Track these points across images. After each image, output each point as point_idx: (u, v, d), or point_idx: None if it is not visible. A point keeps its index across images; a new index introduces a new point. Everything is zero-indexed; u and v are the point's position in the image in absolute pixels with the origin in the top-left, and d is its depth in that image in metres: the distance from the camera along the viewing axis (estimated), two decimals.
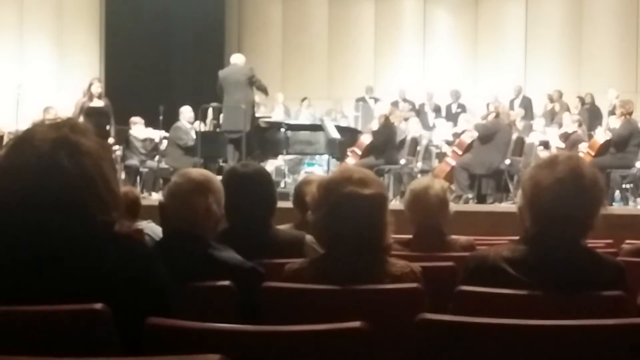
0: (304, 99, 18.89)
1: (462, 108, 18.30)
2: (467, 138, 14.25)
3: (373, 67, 20.66)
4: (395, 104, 17.53)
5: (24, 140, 2.34)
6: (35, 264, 2.27)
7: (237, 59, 13.85)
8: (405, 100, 18.62)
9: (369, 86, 19.44)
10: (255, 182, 4.35)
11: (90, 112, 13.24)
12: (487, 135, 13.28)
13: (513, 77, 19.24)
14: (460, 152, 14.09)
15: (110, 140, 13.24)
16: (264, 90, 13.86)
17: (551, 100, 18.03)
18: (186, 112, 14.88)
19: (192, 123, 14.81)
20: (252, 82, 13.35)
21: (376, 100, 18.62)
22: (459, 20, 20.62)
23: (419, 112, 18.13)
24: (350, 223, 3.23)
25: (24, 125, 10.30)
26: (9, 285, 2.27)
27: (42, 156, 2.28)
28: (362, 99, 19.10)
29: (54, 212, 2.27)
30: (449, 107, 18.59)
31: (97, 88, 13.55)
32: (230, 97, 13.29)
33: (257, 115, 14.39)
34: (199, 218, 3.47)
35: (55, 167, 2.27)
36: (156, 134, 14.72)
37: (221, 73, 13.70)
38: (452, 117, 17.77)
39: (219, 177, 3.87)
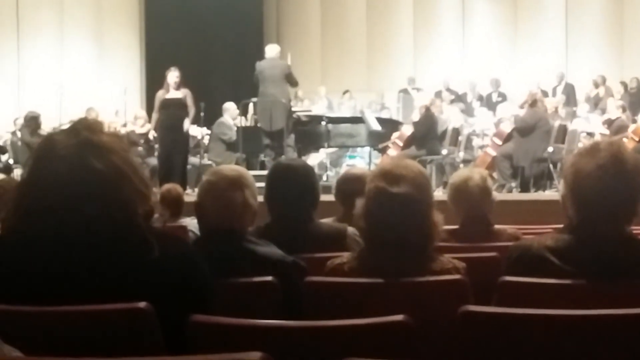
0: (345, 92, 18.87)
1: (503, 97, 18.17)
2: (506, 127, 14.14)
3: (412, 58, 20.57)
4: (438, 94, 17.45)
5: (48, 152, 2.33)
6: (86, 268, 2.27)
7: (271, 51, 13.69)
8: (449, 89, 18.52)
9: (411, 77, 19.36)
10: (299, 175, 4.35)
11: (166, 104, 12.58)
12: (527, 128, 13.12)
13: (554, 63, 19.06)
14: (499, 142, 13.98)
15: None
16: (295, 84, 13.77)
17: (596, 85, 17.84)
18: (231, 109, 14.93)
19: (234, 119, 14.89)
20: (289, 79, 13.29)
21: (419, 90, 18.55)
22: (498, 7, 20.48)
23: (462, 101, 18.02)
24: (380, 219, 3.20)
25: (66, 124, 10.37)
26: (59, 290, 2.28)
27: (70, 164, 2.28)
28: (405, 90, 19.02)
29: (98, 216, 2.26)
30: (489, 96, 18.46)
31: (173, 78, 12.53)
32: (266, 91, 13.23)
33: (296, 109, 14.34)
34: (236, 213, 3.46)
35: (87, 172, 2.27)
36: (198, 131, 14.78)
37: (258, 65, 13.61)
38: (493, 106, 17.64)
39: (265, 172, 3.86)
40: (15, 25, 18.50)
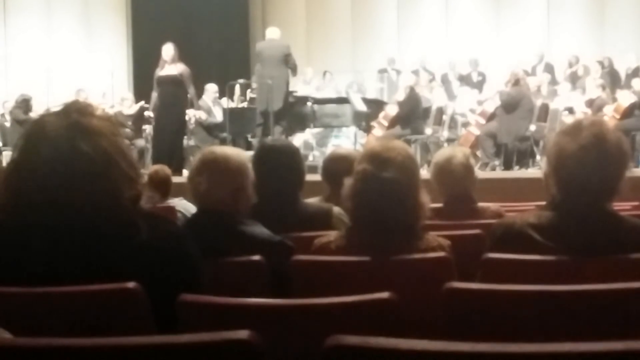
0: (325, 73, 18.82)
1: (483, 76, 18.16)
2: (489, 107, 14.18)
3: (397, 38, 20.52)
4: (416, 73, 17.41)
5: (37, 133, 2.33)
6: (73, 250, 2.29)
7: (273, 34, 13.57)
8: (425, 69, 18.47)
9: (391, 58, 19.31)
10: (283, 156, 4.37)
11: (161, 81, 12.15)
12: (512, 104, 13.17)
13: (536, 41, 19.07)
14: (483, 121, 14.04)
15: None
16: (294, 69, 13.66)
17: (570, 65, 17.88)
18: (210, 90, 14.84)
19: (219, 100, 14.84)
20: (287, 60, 13.21)
21: (398, 71, 18.50)
22: None
23: (443, 82, 18.00)
24: (367, 201, 3.23)
25: (54, 107, 10.30)
26: (47, 272, 2.29)
27: (59, 146, 2.28)
28: (385, 70, 18.99)
29: (85, 198, 2.27)
30: (468, 76, 18.42)
31: (167, 52, 12.09)
32: (265, 72, 13.12)
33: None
34: (232, 197, 3.49)
35: (76, 154, 2.27)
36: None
37: (258, 46, 13.64)
38: (473, 86, 17.62)
39: (249, 153, 3.88)
40: (1, 7, 18.38)
